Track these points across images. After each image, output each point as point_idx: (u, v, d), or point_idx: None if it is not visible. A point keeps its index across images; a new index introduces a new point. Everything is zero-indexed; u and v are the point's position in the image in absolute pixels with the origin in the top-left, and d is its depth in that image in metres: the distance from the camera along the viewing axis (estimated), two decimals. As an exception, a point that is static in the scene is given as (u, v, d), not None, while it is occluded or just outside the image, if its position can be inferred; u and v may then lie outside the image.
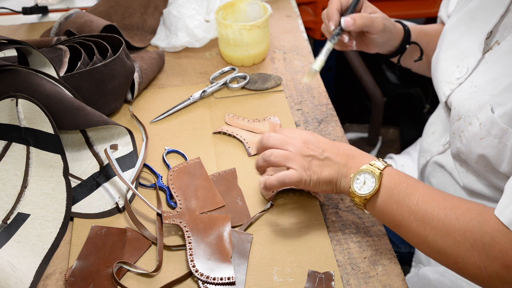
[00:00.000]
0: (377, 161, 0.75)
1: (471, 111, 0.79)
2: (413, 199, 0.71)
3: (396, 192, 0.72)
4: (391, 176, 0.74)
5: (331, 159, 0.77)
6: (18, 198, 0.84)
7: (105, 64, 0.96)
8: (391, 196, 0.73)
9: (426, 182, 1.03)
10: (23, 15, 1.33)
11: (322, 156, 0.77)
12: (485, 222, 0.66)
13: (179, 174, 0.89)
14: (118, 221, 0.84)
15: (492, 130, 0.74)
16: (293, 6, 1.36)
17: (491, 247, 0.65)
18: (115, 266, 0.75)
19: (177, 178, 0.89)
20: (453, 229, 0.67)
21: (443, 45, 0.91)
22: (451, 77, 0.86)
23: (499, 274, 0.65)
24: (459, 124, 0.81)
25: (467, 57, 0.84)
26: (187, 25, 1.17)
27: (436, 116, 1.06)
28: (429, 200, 0.70)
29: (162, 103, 1.06)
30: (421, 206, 0.70)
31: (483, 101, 0.77)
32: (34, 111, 0.85)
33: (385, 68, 2.04)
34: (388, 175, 0.74)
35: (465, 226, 0.67)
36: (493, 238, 0.65)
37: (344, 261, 0.77)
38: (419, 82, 1.92)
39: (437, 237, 0.69)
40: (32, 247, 0.79)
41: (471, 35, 0.85)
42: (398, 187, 0.73)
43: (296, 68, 1.15)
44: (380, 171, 0.74)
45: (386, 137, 2.04)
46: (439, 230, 0.68)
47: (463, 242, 0.66)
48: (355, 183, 0.75)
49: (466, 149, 0.80)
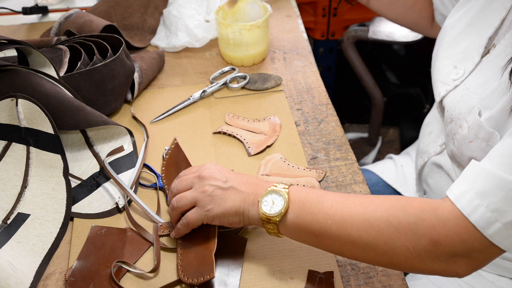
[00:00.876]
0: (279, 183, 0.73)
1: (461, 114, 0.78)
2: (326, 205, 0.69)
3: (308, 204, 0.70)
4: (298, 191, 0.72)
5: (235, 187, 0.74)
6: (18, 198, 0.84)
7: (105, 64, 0.96)
8: (303, 209, 0.70)
9: (423, 183, 1.03)
10: (23, 15, 1.33)
11: (225, 185, 0.74)
12: (406, 205, 0.65)
13: (168, 169, 0.91)
14: (118, 221, 0.84)
15: (479, 134, 0.74)
16: (293, 6, 1.36)
17: (418, 225, 0.63)
18: (114, 266, 0.75)
19: (168, 178, 0.90)
20: (375, 218, 0.66)
21: (442, 43, 0.91)
22: (447, 78, 0.85)
23: (428, 251, 0.64)
24: (451, 126, 0.81)
25: (465, 59, 0.83)
26: (187, 25, 1.17)
27: (432, 116, 1.05)
28: (343, 201, 0.69)
29: (162, 103, 1.06)
30: (336, 208, 0.68)
31: (472, 104, 0.76)
32: (34, 111, 0.85)
33: (385, 68, 2.04)
34: (295, 191, 0.71)
35: (387, 212, 0.65)
36: (418, 216, 0.64)
37: (344, 261, 0.77)
38: (419, 82, 1.92)
39: (360, 231, 0.66)
40: (32, 247, 0.79)
41: (470, 35, 0.85)
42: (308, 198, 0.70)
43: (296, 68, 1.15)
44: (286, 189, 0.71)
45: (386, 137, 2.04)
46: (360, 224, 0.66)
47: (388, 228, 0.65)
48: (263, 205, 0.71)
49: (458, 151, 0.80)
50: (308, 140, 0.97)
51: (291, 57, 1.18)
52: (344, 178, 0.90)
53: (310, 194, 0.71)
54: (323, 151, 0.95)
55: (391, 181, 1.16)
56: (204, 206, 0.74)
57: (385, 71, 2.04)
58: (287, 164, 0.91)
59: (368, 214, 0.66)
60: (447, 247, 0.63)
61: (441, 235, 0.63)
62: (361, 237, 0.66)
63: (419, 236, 0.64)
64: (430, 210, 0.64)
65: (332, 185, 0.89)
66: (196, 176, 0.76)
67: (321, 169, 0.91)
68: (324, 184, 0.89)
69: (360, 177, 0.90)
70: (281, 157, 0.93)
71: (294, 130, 0.99)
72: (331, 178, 0.90)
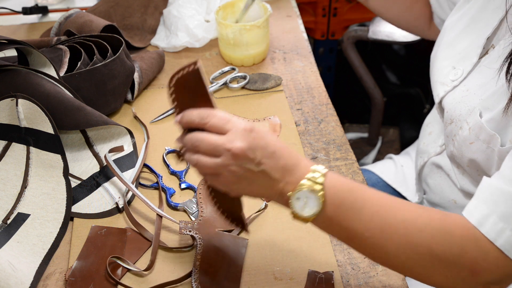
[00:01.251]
0: (315, 172, 0.64)
1: (461, 115, 0.78)
2: (366, 215, 0.64)
3: (344, 208, 0.64)
4: (335, 191, 0.64)
5: (267, 173, 0.64)
6: (18, 198, 0.84)
7: (105, 64, 0.96)
8: (338, 213, 0.64)
9: (423, 183, 1.03)
10: (23, 15, 1.33)
11: (257, 169, 0.63)
12: (451, 231, 0.62)
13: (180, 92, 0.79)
14: (118, 221, 0.84)
15: (480, 135, 0.74)
16: (293, 6, 1.36)
17: (460, 257, 0.62)
18: (110, 261, 0.75)
19: (181, 103, 0.74)
20: (416, 244, 0.63)
21: (441, 44, 0.91)
22: (446, 79, 0.85)
23: (465, 280, 0.63)
24: (451, 127, 0.81)
25: (463, 60, 0.83)
26: (187, 25, 1.17)
27: (432, 116, 1.05)
28: (385, 214, 0.64)
29: (162, 103, 1.06)
30: (376, 221, 0.63)
31: (473, 105, 0.76)
32: (34, 111, 0.85)
33: (385, 68, 2.04)
34: (331, 192, 0.64)
35: (430, 240, 0.62)
36: (462, 248, 0.62)
37: (344, 261, 0.77)
38: (419, 82, 1.92)
39: (399, 252, 0.63)
40: (32, 247, 0.79)
41: (469, 35, 0.84)
42: (346, 201, 0.64)
43: (296, 68, 1.15)
44: (321, 186, 0.63)
45: (386, 137, 2.04)
46: (401, 246, 0.63)
47: (430, 256, 0.62)
48: (295, 203, 0.64)
49: (458, 152, 0.80)
50: (308, 140, 0.97)
51: (291, 57, 1.18)
52: (344, 178, 0.90)
53: (348, 196, 0.64)
54: (323, 151, 0.95)
55: (391, 181, 1.16)
56: (226, 184, 0.65)
57: (385, 71, 2.04)
58: (287, 164, 0.91)
59: (410, 237, 0.63)
60: (484, 277, 0.62)
61: (482, 267, 0.62)
62: (399, 257, 0.64)
63: (460, 268, 0.62)
64: (473, 240, 0.62)
65: (332, 185, 0.89)
66: (227, 149, 0.63)
67: (321, 169, 0.91)
68: (324, 184, 0.89)
69: (360, 177, 0.90)
70: None
71: (294, 130, 0.99)
72: (331, 178, 0.90)
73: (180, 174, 0.91)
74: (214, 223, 0.81)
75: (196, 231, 0.79)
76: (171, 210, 0.86)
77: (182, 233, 0.78)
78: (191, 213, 0.84)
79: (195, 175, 0.91)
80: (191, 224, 0.79)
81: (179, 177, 0.90)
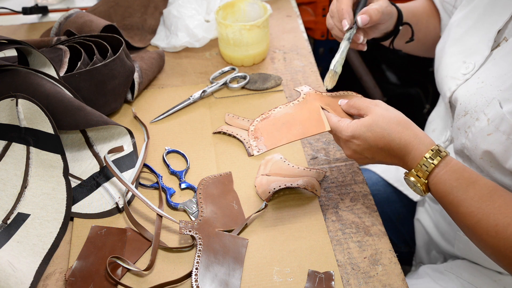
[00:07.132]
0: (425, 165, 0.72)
1: (478, 106, 0.79)
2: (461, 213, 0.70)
3: (443, 204, 0.73)
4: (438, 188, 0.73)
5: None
6: (18, 198, 0.84)
7: (105, 64, 0.96)
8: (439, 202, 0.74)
9: None
10: (23, 15, 1.33)
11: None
12: None
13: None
14: (118, 221, 0.84)
15: (501, 126, 0.74)
16: (293, 6, 1.36)
17: None
18: (109, 261, 0.75)
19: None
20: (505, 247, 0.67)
21: (448, 40, 0.91)
22: (457, 73, 0.86)
23: None
24: (465, 119, 0.81)
25: (474, 53, 0.84)
26: (187, 25, 1.17)
27: (435, 113, 1.06)
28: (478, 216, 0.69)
29: (162, 103, 1.06)
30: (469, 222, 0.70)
31: (491, 96, 0.77)
32: (34, 111, 0.85)
33: (385, 68, 2.04)
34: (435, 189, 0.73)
35: None
36: None
37: (344, 261, 0.77)
38: (419, 82, 1.92)
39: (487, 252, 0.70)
40: (32, 247, 0.79)
41: (479, 31, 0.85)
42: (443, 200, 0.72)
43: (296, 68, 1.15)
44: (425, 181, 0.73)
45: (386, 137, 2.04)
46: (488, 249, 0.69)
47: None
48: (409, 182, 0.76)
49: (471, 144, 0.80)
50: (308, 140, 0.97)
51: (291, 57, 1.18)
52: (344, 178, 0.90)
53: (448, 194, 0.71)
54: (323, 151, 0.95)
55: (391, 180, 1.16)
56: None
57: (385, 71, 2.04)
58: (287, 164, 0.91)
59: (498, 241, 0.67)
60: None
61: None
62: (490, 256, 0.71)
63: None
64: None
65: (332, 185, 0.89)
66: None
67: (321, 169, 0.91)
68: (324, 184, 0.89)
69: (360, 177, 0.90)
70: (281, 157, 0.93)
71: (294, 130, 0.99)
72: (331, 178, 0.90)
73: (180, 174, 0.91)
74: (214, 223, 0.81)
75: (196, 231, 0.79)
76: (171, 210, 0.86)
77: (182, 233, 0.78)
78: (191, 213, 0.84)
79: (195, 175, 0.91)
80: (191, 224, 0.79)
81: (179, 177, 0.91)
